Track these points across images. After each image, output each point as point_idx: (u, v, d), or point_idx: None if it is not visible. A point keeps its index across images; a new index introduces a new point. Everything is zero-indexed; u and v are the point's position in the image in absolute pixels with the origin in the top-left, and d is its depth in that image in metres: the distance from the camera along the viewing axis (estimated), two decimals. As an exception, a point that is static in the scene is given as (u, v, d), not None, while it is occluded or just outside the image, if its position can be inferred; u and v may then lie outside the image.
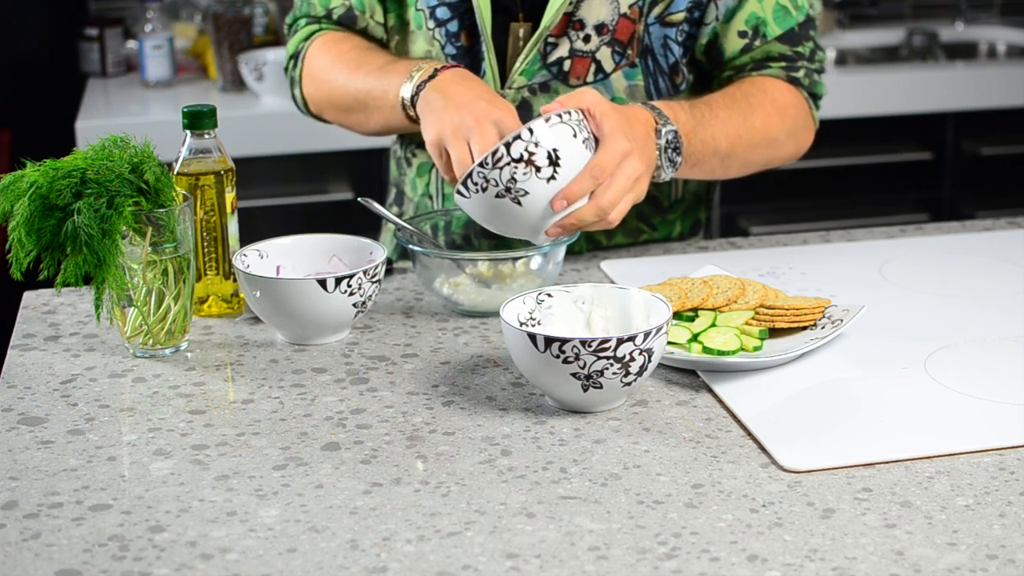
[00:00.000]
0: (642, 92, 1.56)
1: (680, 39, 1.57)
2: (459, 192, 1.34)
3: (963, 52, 3.38)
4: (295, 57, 1.67)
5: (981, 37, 3.44)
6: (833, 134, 2.88)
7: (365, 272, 1.34)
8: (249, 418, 1.20)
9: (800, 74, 1.61)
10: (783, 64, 1.60)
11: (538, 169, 1.30)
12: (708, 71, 1.63)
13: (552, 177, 1.30)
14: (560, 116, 1.31)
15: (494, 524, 1.01)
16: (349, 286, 1.33)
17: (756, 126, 1.55)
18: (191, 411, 1.21)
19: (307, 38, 1.65)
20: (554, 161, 1.30)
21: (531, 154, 1.29)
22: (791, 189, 2.92)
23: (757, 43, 1.58)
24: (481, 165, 1.30)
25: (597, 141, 1.34)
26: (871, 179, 2.97)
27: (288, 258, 1.43)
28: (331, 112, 1.64)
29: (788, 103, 1.59)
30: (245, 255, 1.39)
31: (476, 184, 1.31)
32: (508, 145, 1.29)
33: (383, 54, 1.59)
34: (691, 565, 0.95)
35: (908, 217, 2.95)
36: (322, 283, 1.31)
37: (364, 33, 1.64)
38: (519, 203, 1.31)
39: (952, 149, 2.98)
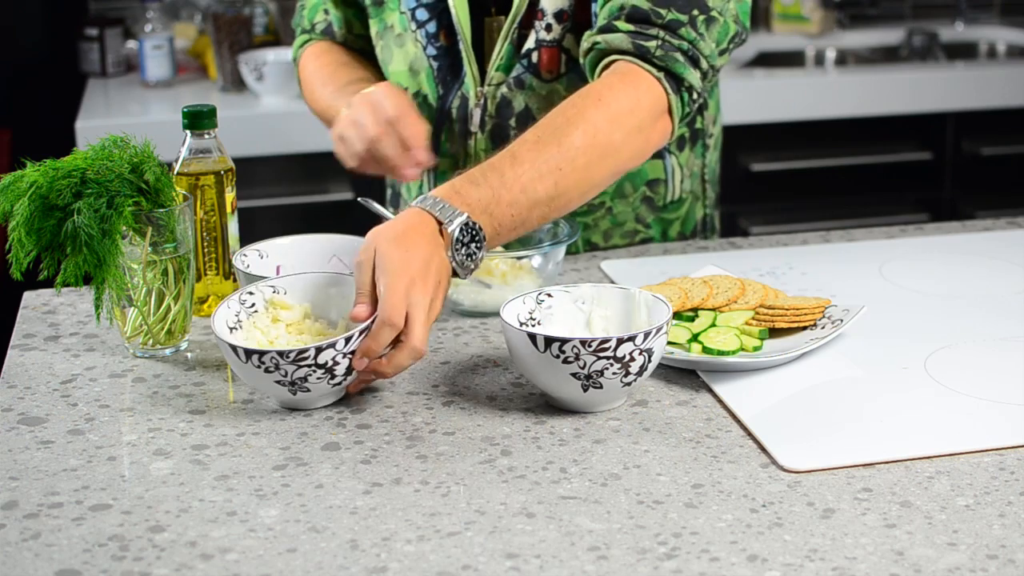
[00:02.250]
0: None
1: None
2: (235, 351, 1.16)
3: (963, 52, 3.38)
4: (295, 61, 1.77)
5: (981, 37, 3.44)
6: (833, 134, 2.89)
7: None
8: (249, 418, 1.20)
9: (651, 45, 1.40)
10: (632, 28, 1.41)
11: (332, 376, 1.18)
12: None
13: (340, 383, 1.19)
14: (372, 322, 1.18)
15: (494, 524, 1.01)
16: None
17: (577, 145, 1.34)
18: (191, 411, 1.21)
19: (302, 45, 1.75)
20: (349, 370, 1.19)
21: (335, 364, 1.17)
22: (791, 189, 2.91)
23: None
24: (281, 355, 1.15)
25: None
26: (871, 179, 2.97)
27: (288, 258, 1.43)
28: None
29: (624, 108, 1.38)
30: (245, 255, 1.39)
31: (265, 363, 1.16)
32: (319, 350, 1.15)
33: (353, 70, 1.64)
34: (691, 565, 0.95)
35: (908, 217, 2.95)
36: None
37: (345, 44, 1.72)
38: (293, 393, 1.19)
39: (952, 149, 2.97)
